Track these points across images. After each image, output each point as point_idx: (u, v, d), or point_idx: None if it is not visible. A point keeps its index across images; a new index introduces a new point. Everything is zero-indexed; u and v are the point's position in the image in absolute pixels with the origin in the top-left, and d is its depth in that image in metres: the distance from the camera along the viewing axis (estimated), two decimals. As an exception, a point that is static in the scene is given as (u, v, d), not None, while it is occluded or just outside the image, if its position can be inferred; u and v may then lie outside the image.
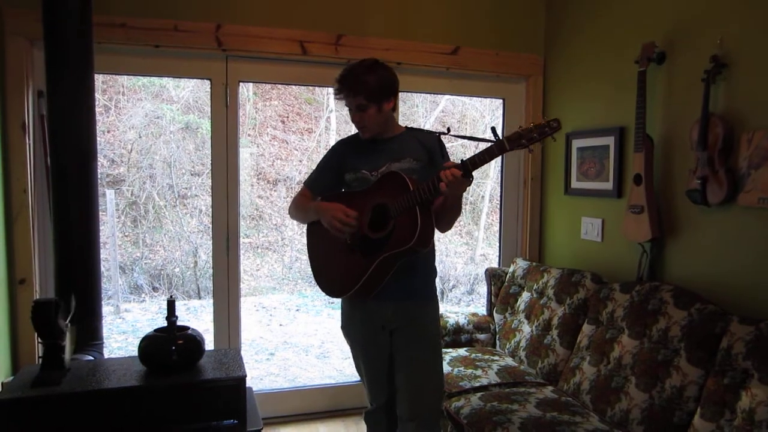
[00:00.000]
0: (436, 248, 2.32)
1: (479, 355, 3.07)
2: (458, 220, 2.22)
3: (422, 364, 2.19)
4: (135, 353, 2.09)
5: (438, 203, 2.04)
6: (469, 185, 1.94)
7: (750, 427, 1.85)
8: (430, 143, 2.19)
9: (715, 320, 2.16)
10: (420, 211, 1.96)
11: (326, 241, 2.22)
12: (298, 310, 7.08)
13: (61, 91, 2.39)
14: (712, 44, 2.42)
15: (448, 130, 2.16)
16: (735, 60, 2.35)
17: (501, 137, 1.81)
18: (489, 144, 1.84)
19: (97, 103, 2.59)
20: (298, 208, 2.33)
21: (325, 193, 2.32)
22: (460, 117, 8.44)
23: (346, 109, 2.20)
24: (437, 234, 2.19)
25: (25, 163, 2.75)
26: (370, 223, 2.11)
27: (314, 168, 2.39)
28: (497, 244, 3.93)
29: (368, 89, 2.10)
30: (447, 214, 2.11)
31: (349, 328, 2.35)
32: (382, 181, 2.12)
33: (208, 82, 3.14)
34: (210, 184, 3.22)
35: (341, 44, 3.19)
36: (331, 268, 2.26)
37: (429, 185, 1.94)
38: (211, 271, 3.32)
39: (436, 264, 2.32)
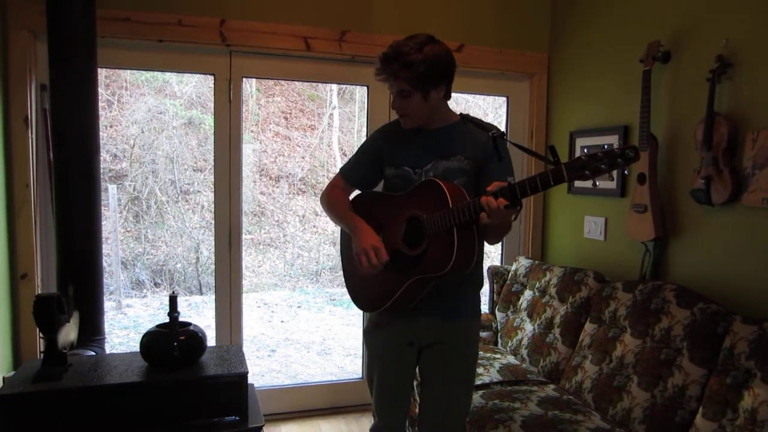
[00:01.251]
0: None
1: (481, 353, 3.06)
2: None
3: (453, 385, 2.00)
4: (136, 349, 2.09)
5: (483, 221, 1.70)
6: (519, 212, 1.66)
7: (752, 426, 1.85)
8: (483, 141, 1.87)
9: (717, 320, 2.15)
10: (458, 234, 1.71)
11: None
12: (299, 306, 7.08)
13: (64, 85, 2.39)
14: (717, 44, 2.41)
15: (503, 134, 1.85)
16: (740, 60, 2.34)
17: (559, 161, 1.50)
18: (544, 165, 1.57)
19: (99, 97, 2.59)
20: (331, 207, 2.08)
21: (361, 185, 2.09)
22: (463, 114, 8.42)
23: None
24: None
25: (27, 157, 2.75)
26: (405, 236, 1.88)
27: (352, 154, 2.13)
28: (499, 243, 3.92)
29: (413, 73, 1.77)
30: (494, 232, 1.83)
31: (372, 337, 2.13)
32: (421, 189, 1.86)
33: (212, 77, 3.13)
34: (212, 179, 3.22)
35: (345, 40, 3.18)
36: (362, 281, 2.05)
37: (470, 208, 1.66)
38: (212, 267, 3.32)
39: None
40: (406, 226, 1.88)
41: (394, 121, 2.06)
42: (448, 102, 1.96)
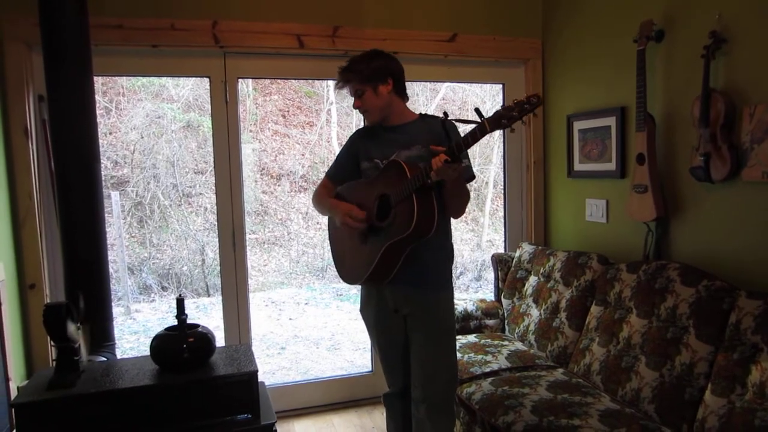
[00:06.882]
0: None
1: (489, 340, 3.08)
2: (468, 204, 2.24)
3: (433, 349, 2.21)
4: (147, 353, 2.11)
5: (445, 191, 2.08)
6: (459, 169, 1.95)
7: (761, 400, 1.86)
8: (437, 129, 2.18)
9: (722, 296, 2.16)
10: (417, 198, 1.98)
11: (342, 231, 2.32)
12: (306, 303, 7.11)
13: (61, 95, 2.40)
14: (710, 19, 2.40)
15: (445, 114, 2.16)
16: (734, 35, 2.34)
17: (484, 118, 1.84)
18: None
19: (97, 105, 2.60)
20: (319, 203, 2.42)
21: (344, 182, 2.39)
22: (461, 104, 8.42)
23: (347, 100, 2.22)
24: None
25: (29, 168, 2.76)
26: (378, 212, 2.14)
27: (333, 161, 2.46)
28: (503, 230, 3.93)
29: (361, 74, 2.15)
30: (453, 200, 2.14)
31: (365, 310, 2.42)
32: (386, 171, 2.16)
33: (207, 79, 3.14)
34: (214, 181, 3.23)
35: (338, 36, 3.18)
36: (347, 257, 2.35)
37: (421, 170, 1.96)
38: (218, 268, 3.34)
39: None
40: (377, 204, 2.15)
41: (364, 126, 2.48)
42: (408, 104, 2.30)
